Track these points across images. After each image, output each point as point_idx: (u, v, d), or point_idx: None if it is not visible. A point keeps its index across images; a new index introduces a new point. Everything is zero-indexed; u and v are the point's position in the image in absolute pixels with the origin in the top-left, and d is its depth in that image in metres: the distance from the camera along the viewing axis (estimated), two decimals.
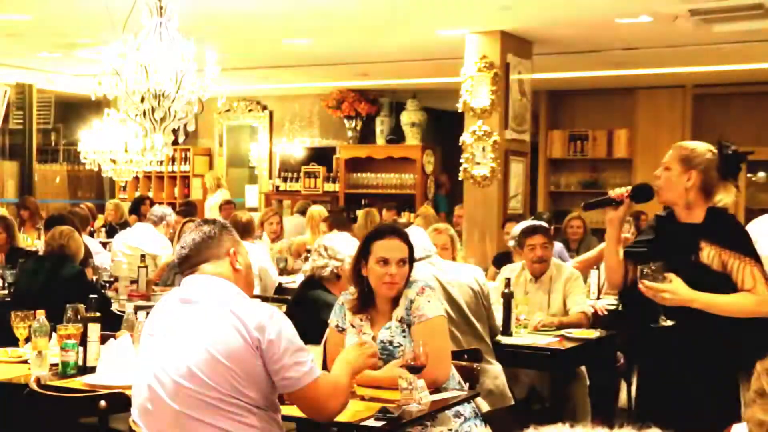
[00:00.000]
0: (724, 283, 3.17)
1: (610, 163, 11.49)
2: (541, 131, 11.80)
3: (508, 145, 8.39)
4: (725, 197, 3.30)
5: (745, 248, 3.21)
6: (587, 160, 11.66)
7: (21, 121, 12.50)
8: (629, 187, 3.37)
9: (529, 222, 6.13)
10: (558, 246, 6.60)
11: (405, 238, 3.61)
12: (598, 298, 6.08)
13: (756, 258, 3.20)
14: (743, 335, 3.16)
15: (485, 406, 3.95)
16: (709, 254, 3.20)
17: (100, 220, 10.51)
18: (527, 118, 8.73)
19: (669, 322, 3.19)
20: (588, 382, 5.19)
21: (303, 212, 9.64)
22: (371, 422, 3.00)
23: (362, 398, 3.28)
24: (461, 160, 8.38)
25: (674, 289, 3.11)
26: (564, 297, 5.30)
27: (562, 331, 4.97)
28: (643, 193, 3.36)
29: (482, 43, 8.23)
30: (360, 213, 9.31)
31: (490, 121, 8.24)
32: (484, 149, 8.25)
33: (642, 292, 3.15)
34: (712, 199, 3.29)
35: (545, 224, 5.93)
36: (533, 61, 8.70)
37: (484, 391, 4.25)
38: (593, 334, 5.00)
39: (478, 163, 8.28)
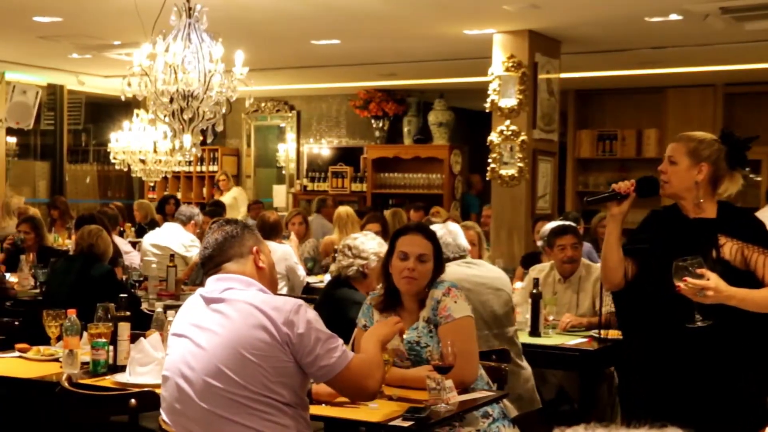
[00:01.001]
0: (746, 279, 3.00)
1: (640, 163, 11.39)
2: (570, 131, 11.73)
3: (536, 145, 8.35)
4: (731, 187, 3.16)
5: (767, 242, 3.06)
6: (616, 160, 11.57)
7: (52, 121, 12.63)
8: (633, 180, 3.19)
9: (559, 222, 6.10)
10: (587, 246, 6.55)
11: (429, 236, 3.61)
12: None
13: None
14: None
15: (514, 412, 3.93)
16: (731, 250, 3.04)
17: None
18: (555, 117, 8.69)
19: (705, 322, 2.95)
20: (617, 383, 5.15)
21: (319, 210, 9.65)
22: (399, 422, 2.99)
23: (390, 398, 3.28)
24: (489, 160, 8.36)
25: (717, 285, 2.88)
26: (593, 297, 5.27)
27: (591, 332, 4.94)
28: (648, 186, 3.18)
29: (510, 43, 8.20)
30: (387, 213, 9.31)
31: (517, 120, 8.21)
32: (511, 149, 8.22)
33: (679, 290, 2.88)
34: (720, 189, 3.15)
35: (575, 224, 5.90)
36: (561, 60, 8.65)
37: (514, 395, 4.24)
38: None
39: (506, 163, 8.25)
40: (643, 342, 3.21)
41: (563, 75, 8.80)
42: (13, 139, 12.02)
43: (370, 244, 4.48)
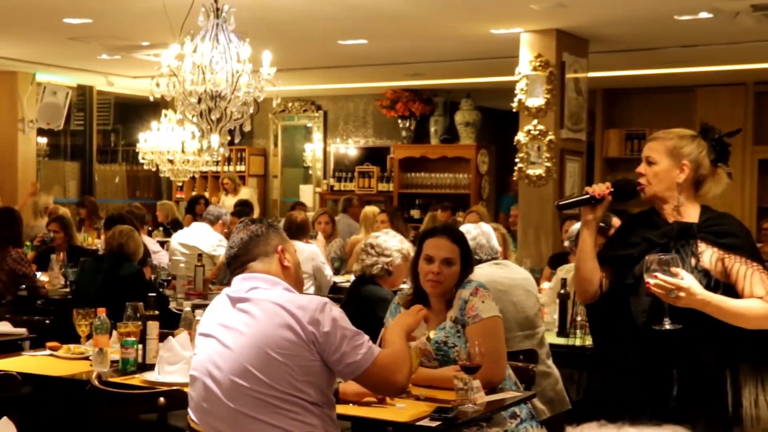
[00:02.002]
0: (726, 291, 2.74)
1: None
2: (597, 130, 11.66)
3: (564, 145, 8.31)
4: (714, 187, 2.89)
5: (751, 251, 2.78)
6: None
7: (82, 122, 12.76)
8: (609, 183, 2.94)
9: None
10: None
11: (456, 239, 3.60)
12: None
13: (762, 262, 2.76)
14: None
15: (545, 414, 3.92)
16: (711, 258, 2.77)
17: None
18: (583, 117, 8.65)
19: (673, 325, 2.68)
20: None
21: (345, 210, 9.67)
22: (426, 422, 2.99)
23: (417, 398, 3.28)
24: (516, 160, 8.33)
25: (690, 287, 2.61)
26: None
27: None
28: (625, 189, 2.94)
29: (537, 42, 8.17)
30: (426, 217, 9.43)
31: (545, 120, 8.18)
32: (539, 149, 8.19)
33: (649, 287, 2.63)
34: (702, 190, 2.89)
35: (603, 224, 5.85)
36: (589, 59, 8.60)
37: (545, 398, 4.22)
38: None
39: (533, 163, 8.22)
40: (613, 349, 2.94)
41: (591, 74, 8.74)
42: (43, 140, 12.15)
43: (392, 241, 4.51)
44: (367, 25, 8.04)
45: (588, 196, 2.92)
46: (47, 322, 4.87)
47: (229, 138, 6.64)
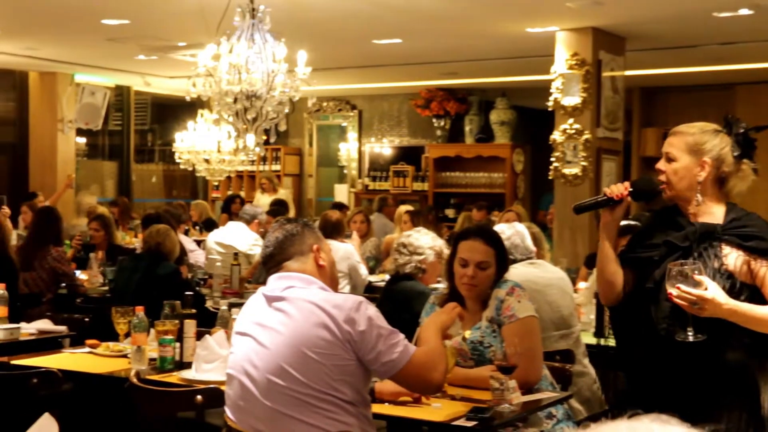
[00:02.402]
0: (752, 294, 2.61)
1: None
2: (634, 129, 11.55)
3: (600, 144, 8.25)
4: (740, 183, 2.73)
5: None
6: None
7: (120, 122, 12.90)
8: (628, 183, 2.82)
9: (623, 222, 6.01)
10: None
11: (490, 241, 3.58)
12: None
13: None
14: None
15: (582, 414, 3.90)
16: (735, 261, 2.64)
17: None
18: (620, 115, 8.57)
19: (697, 337, 2.56)
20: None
21: (380, 209, 9.67)
22: (462, 422, 2.98)
23: (453, 398, 3.27)
24: (551, 159, 8.28)
25: (714, 297, 2.48)
26: None
27: None
28: (645, 189, 2.83)
29: (573, 40, 8.11)
30: (460, 216, 9.41)
31: (581, 119, 8.12)
32: (575, 148, 8.13)
33: (671, 297, 2.51)
34: (726, 187, 2.73)
35: (636, 223, 5.80)
36: (626, 57, 8.52)
37: (582, 398, 4.20)
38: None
39: (569, 162, 8.17)
40: (637, 355, 2.84)
41: (628, 72, 8.67)
42: (82, 140, 12.31)
43: (424, 239, 4.53)
44: (402, 24, 8.04)
45: (606, 197, 2.80)
46: (86, 320, 4.93)
47: (264, 137, 6.68)
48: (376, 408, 2.98)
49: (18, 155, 11.75)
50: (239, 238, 7.47)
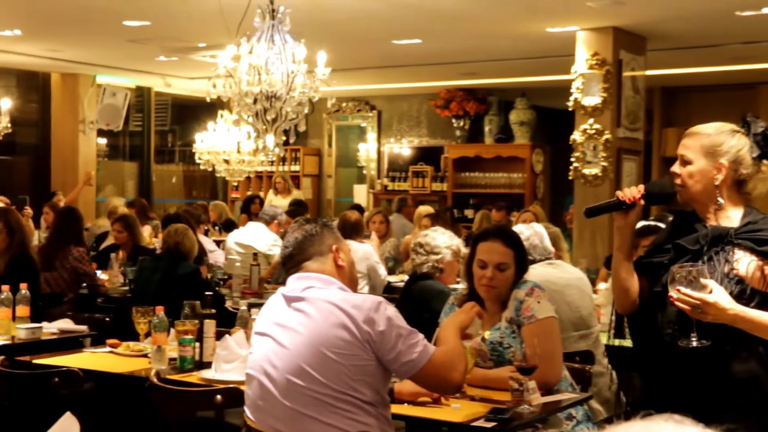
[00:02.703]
0: (764, 303, 2.48)
1: None
2: (655, 129, 11.48)
3: (621, 144, 8.21)
4: (760, 185, 2.61)
5: None
6: None
7: (140, 123, 12.97)
8: (642, 186, 2.69)
9: (643, 222, 5.98)
10: None
11: (509, 242, 3.56)
12: None
13: None
14: None
15: (602, 415, 3.88)
16: (748, 267, 2.51)
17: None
18: (641, 115, 8.53)
19: (701, 342, 2.45)
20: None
21: (400, 210, 9.66)
22: (481, 423, 2.97)
23: (472, 398, 3.26)
24: (571, 159, 8.25)
25: (717, 301, 2.37)
26: None
27: None
28: (659, 193, 2.70)
29: (594, 40, 8.08)
30: (476, 215, 9.36)
31: (601, 119, 8.08)
32: (595, 148, 8.10)
33: (672, 300, 2.41)
34: (745, 190, 2.61)
35: (661, 225, 5.77)
36: (647, 56, 8.47)
37: (602, 398, 4.18)
38: None
39: (589, 162, 8.13)
40: (647, 360, 2.76)
41: (649, 72, 8.61)
42: (103, 141, 12.39)
43: (441, 238, 4.52)
44: (421, 24, 8.03)
45: (618, 201, 2.68)
46: (107, 319, 4.96)
47: (284, 138, 6.69)
48: (395, 408, 2.98)
49: (40, 156, 11.85)
50: (259, 238, 7.49)
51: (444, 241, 4.52)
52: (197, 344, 3.87)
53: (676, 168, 2.65)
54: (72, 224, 6.41)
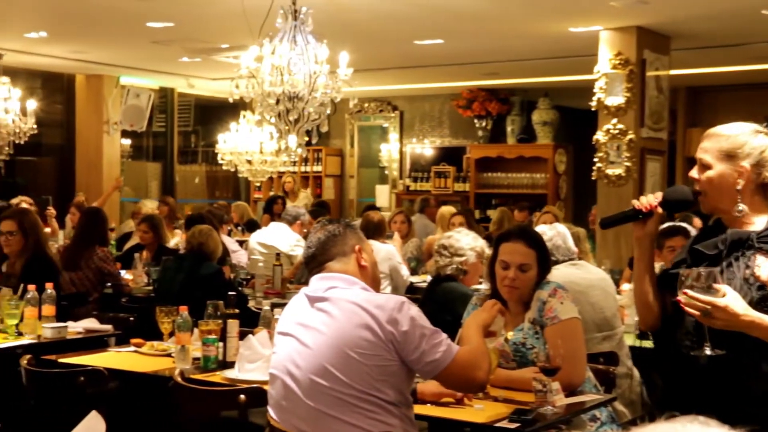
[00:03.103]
0: None
1: None
2: (679, 129, 11.41)
3: (644, 144, 8.16)
4: None
5: None
6: None
7: (163, 124, 13.05)
8: (659, 194, 2.56)
9: (669, 223, 5.94)
10: None
11: (532, 243, 3.54)
12: None
13: None
14: None
15: (626, 416, 3.86)
16: None
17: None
18: (664, 115, 8.47)
19: (715, 352, 2.29)
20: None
21: (422, 210, 9.65)
22: (505, 424, 2.97)
23: (496, 399, 3.26)
24: (594, 160, 8.21)
25: (728, 306, 2.21)
26: None
27: None
28: (678, 200, 2.55)
29: (617, 40, 8.04)
30: (495, 213, 9.32)
31: (625, 119, 8.04)
32: (618, 148, 8.06)
33: (680, 305, 2.27)
34: None
35: (686, 225, 5.73)
36: (671, 56, 8.42)
37: (626, 400, 4.16)
38: None
39: (613, 162, 8.09)
40: (666, 371, 2.65)
41: (673, 72, 8.55)
42: (127, 141, 12.47)
43: (465, 240, 4.50)
44: (443, 24, 8.02)
45: (634, 210, 2.55)
46: (131, 319, 4.99)
47: (306, 138, 6.70)
48: (418, 409, 2.98)
49: (65, 157, 11.95)
50: (281, 238, 7.50)
51: (468, 242, 4.50)
52: (221, 344, 3.89)
53: (694, 173, 2.51)
54: (97, 225, 6.45)
